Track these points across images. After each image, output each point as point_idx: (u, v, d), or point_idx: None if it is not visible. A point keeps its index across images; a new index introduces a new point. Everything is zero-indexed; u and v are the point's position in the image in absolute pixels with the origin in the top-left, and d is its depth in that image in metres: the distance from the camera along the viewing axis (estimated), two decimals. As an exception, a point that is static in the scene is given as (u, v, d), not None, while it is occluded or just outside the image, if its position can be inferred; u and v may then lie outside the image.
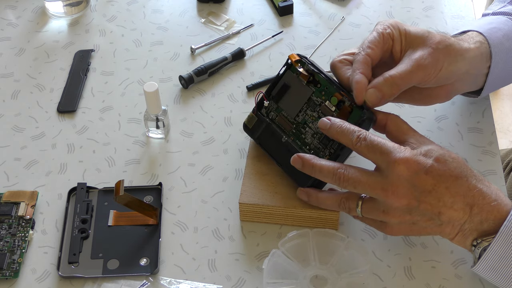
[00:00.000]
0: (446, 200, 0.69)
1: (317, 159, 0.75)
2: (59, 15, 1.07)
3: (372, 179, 0.70)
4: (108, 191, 0.84)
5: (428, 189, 0.69)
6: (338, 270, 0.74)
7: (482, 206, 0.69)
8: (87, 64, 0.99)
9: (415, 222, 0.70)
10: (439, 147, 0.71)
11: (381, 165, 0.71)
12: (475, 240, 0.70)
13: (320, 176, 0.74)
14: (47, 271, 0.77)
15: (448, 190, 0.69)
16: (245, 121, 0.85)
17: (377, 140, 0.71)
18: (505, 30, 0.83)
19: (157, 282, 0.76)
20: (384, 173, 0.70)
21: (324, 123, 0.75)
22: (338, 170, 0.72)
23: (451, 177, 0.69)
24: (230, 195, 0.84)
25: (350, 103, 0.76)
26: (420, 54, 0.75)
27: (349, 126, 0.73)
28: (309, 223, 0.79)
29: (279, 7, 1.06)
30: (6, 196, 0.83)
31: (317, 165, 0.74)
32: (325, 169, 0.73)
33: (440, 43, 0.76)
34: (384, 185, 0.69)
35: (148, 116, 0.88)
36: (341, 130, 0.73)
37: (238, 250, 0.79)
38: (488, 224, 0.69)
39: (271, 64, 0.99)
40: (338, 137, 0.74)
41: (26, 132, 0.92)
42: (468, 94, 0.87)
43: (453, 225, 0.70)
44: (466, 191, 0.69)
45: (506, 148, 1.17)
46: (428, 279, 0.75)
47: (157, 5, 1.09)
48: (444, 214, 0.69)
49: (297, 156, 0.76)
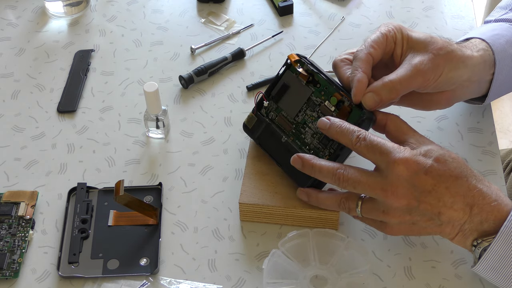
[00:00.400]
0: (446, 200, 0.69)
1: (317, 159, 0.75)
2: (59, 15, 1.07)
3: (371, 179, 0.70)
4: (108, 191, 0.84)
5: (428, 189, 0.69)
6: (338, 270, 0.74)
7: (482, 206, 0.69)
8: (87, 64, 0.99)
9: (415, 222, 0.70)
10: (439, 147, 0.71)
11: (380, 165, 0.71)
12: (475, 240, 0.70)
13: (320, 176, 0.74)
14: (47, 271, 0.77)
15: (448, 190, 0.69)
16: (245, 121, 0.85)
17: (376, 140, 0.71)
18: (508, 37, 0.82)
19: (157, 282, 0.76)
20: (384, 173, 0.70)
21: (324, 123, 0.75)
22: (337, 170, 0.72)
23: (451, 177, 0.69)
24: (230, 195, 0.84)
25: (349, 103, 0.76)
26: (420, 59, 0.75)
27: (348, 126, 0.73)
28: (309, 223, 0.79)
29: (279, 7, 1.06)
30: (6, 196, 0.83)
31: (316, 165, 0.74)
32: (325, 169, 0.73)
33: (442, 49, 0.76)
34: (383, 185, 0.69)
35: (148, 116, 0.88)
36: (340, 130, 0.73)
37: (238, 250, 0.79)
38: (488, 224, 0.69)
39: (271, 64, 0.99)
40: (338, 137, 0.74)
41: (26, 132, 0.92)
42: (472, 101, 0.87)
43: (453, 225, 0.70)
44: (466, 191, 0.69)
45: (506, 148, 1.17)
46: (428, 279, 0.75)
47: (157, 5, 1.09)
48: (444, 214, 0.69)
49: (297, 156, 0.76)
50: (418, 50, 0.76)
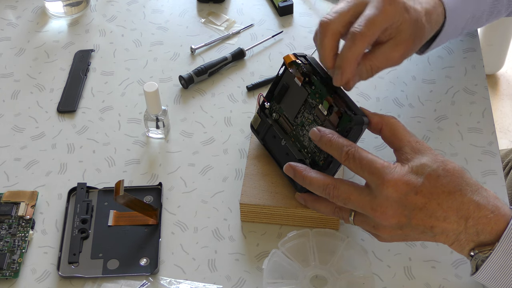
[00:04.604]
0: (438, 216, 0.67)
1: (309, 170, 0.73)
2: (59, 15, 1.07)
3: (361, 198, 0.69)
4: (108, 191, 0.84)
5: (419, 207, 0.67)
6: (338, 270, 0.74)
7: (478, 219, 0.67)
8: (87, 64, 0.99)
9: (407, 234, 0.69)
10: (434, 158, 0.69)
11: (370, 184, 0.69)
12: (472, 251, 0.69)
13: (311, 188, 0.73)
14: (47, 271, 0.77)
15: (440, 206, 0.67)
16: (251, 122, 0.85)
17: (366, 158, 0.69)
18: None
19: (157, 282, 0.76)
20: (373, 192, 0.68)
21: (315, 134, 0.73)
22: (327, 186, 0.71)
23: (443, 193, 0.67)
24: (230, 195, 0.84)
25: (338, 108, 0.74)
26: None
27: (337, 139, 0.71)
28: (310, 223, 0.79)
29: (279, 7, 1.06)
30: (6, 196, 0.83)
31: (307, 177, 0.73)
32: (315, 183, 0.72)
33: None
34: (373, 205, 0.68)
35: (148, 116, 0.88)
36: (330, 143, 0.71)
37: (238, 250, 0.79)
38: (485, 236, 0.68)
39: (271, 64, 0.99)
40: (328, 150, 0.72)
41: (26, 132, 0.92)
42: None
43: (447, 235, 0.68)
44: (459, 205, 0.67)
45: (506, 148, 1.17)
46: (428, 279, 0.75)
47: (157, 5, 1.09)
48: (436, 227, 0.68)
49: (289, 166, 0.75)
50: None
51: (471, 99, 0.92)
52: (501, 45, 2.07)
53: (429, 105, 0.92)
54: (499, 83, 2.13)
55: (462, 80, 0.95)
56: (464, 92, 0.93)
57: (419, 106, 0.92)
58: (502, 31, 2.04)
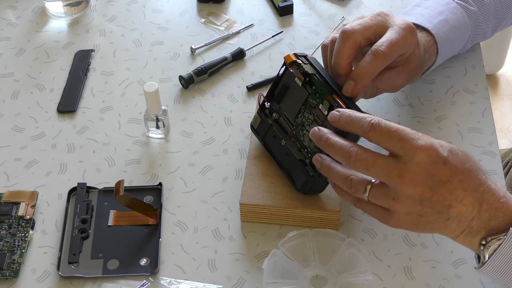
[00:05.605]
0: (458, 194, 0.67)
1: (333, 135, 0.71)
2: (59, 15, 1.07)
3: (388, 164, 0.67)
4: (108, 191, 0.84)
5: (444, 180, 0.66)
6: (338, 270, 0.74)
7: (492, 203, 0.67)
8: (87, 64, 0.99)
9: (423, 214, 0.68)
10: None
11: (398, 152, 0.67)
12: (484, 239, 0.68)
13: (331, 152, 0.70)
14: (47, 271, 0.77)
15: (461, 184, 0.67)
16: (251, 122, 0.85)
17: (393, 125, 0.68)
18: (453, 21, 0.87)
19: (157, 282, 0.76)
20: (402, 159, 0.66)
21: (334, 115, 0.71)
22: (350, 148, 0.69)
23: (464, 170, 0.67)
24: (230, 195, 0.84)
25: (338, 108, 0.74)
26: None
27: (358, 114, 0.70)
28: (310, 223, 0.79)
29: (279, 7, 1.06)
30: (6, 196, 0.83)
31: (330, 140, 0.70)
32: (337, 146, 0.70)
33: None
34: (401, 171, 0.66)
35: (148, 116, 0.88)
36: (350, 119, 0.70)
37: (238, 250, 0.79)
38: (497, 222, 0.67)
39: (271, 64, 0.99)
40: (348, 127, 0.70)
41: (26, 132, 0.92)
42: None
43: (459, 220, 0.67)
44: (476, 186, 0.67)
45: (506, 148, 1.17)
46: (428, 279, 0.75)
47: (157, 5, 1.09)
48: (453, 207, 0.67)
49: (317, 129, 0.72)
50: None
51: (471, 99, 0.92)
52: (501, 45, 2.07)
53: (429, 105, 0.92)
54: (499, 83, 2.13)
55: (462, 80, 0.95)
56: (464, 92, 0.93)
57: (419, 106, 0.92)
58: (502, 31, 2.04)
